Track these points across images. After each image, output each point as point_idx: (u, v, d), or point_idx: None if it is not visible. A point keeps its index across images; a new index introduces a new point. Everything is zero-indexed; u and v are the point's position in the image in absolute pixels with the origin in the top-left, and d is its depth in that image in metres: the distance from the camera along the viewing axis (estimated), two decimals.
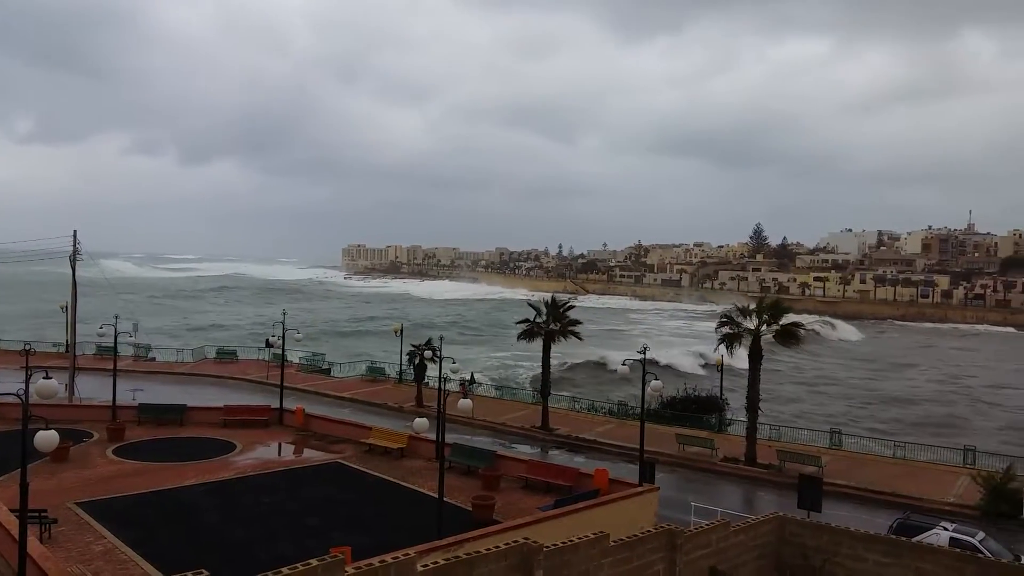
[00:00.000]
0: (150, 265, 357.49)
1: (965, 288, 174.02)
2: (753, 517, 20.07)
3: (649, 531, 16.79)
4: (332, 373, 57.49)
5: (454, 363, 28.17)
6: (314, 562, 11.51)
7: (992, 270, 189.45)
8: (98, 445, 30.17)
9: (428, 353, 44.20)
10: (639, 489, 23.76)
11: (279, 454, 30.89)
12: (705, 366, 70.99)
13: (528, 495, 25.50)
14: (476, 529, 18.77)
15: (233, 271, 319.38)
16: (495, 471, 26.84)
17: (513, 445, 37.49)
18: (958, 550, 18.69)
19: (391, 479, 26.95)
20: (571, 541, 14.90)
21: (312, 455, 30.59)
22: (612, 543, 15.54)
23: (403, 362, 51.70)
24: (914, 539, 19.86)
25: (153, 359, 59.07)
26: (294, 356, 56.85)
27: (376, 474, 27.55)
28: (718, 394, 45.18)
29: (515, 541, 14.37)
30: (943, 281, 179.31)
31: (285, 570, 11.21)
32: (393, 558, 12.65)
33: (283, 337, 38.12)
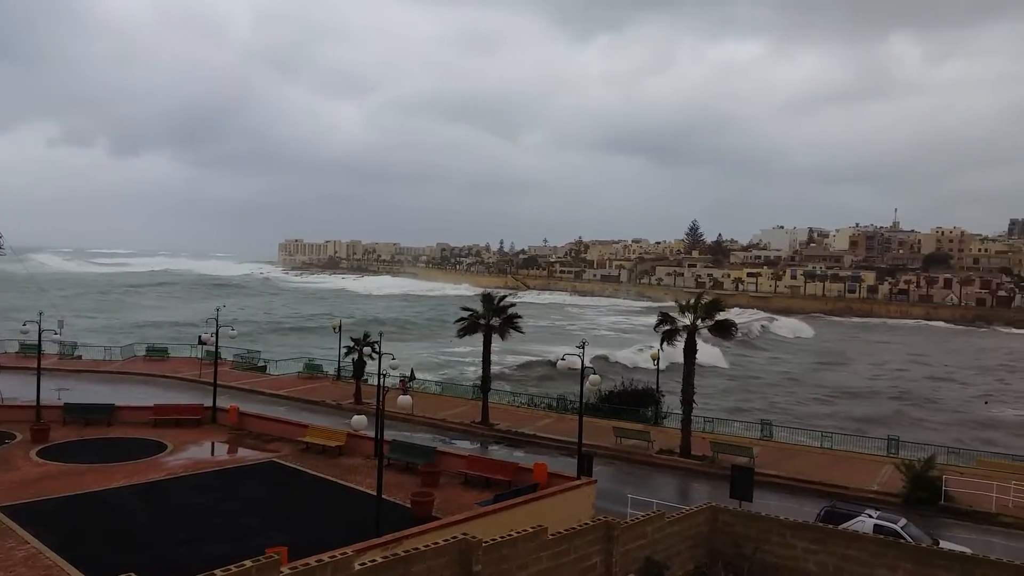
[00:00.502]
0: (80, 260, 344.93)
1: (890, 283, 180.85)
2: (687, 508, 20.52)
3: (587, 524, 17.02)
4: (268, 370, 56.45)
5: (393, 359, 27.97)
6: (248, 563, 11.34)
7: (916, 266, 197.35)
8: (21, 446, 28.99)
9: (367, 349, 43.86)
10: (577, 482, 24.03)
11: (212, 454, 30.21)
12: (671, 364, 72.20)
13: (467, 491, 25.53)
14: (415, 526, 18.72)
15: (167, 266, 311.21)
16: (434, 467, 26.79)
17: (453, 441, 37.45)
18: (881, 536, 19.47)
19: (328, 477, 26.65)
20: (509, 536, 15.01)
21: (247, 454, 30.02)
22: (550, 536, 15.71)
23: (341, 359, 51.11)
24: (840, 526, 20.62)
25: (79, 357, 57.01)
26: (229, 354, 55.65)
27: (313, 472, 27.20)
28: (654, 387, 45.97)
29: (454, 537, 14.40)
30: (869, 277, 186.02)
31: (219, 572, 11.01)
32: (330, 557, 12.55)
33: (216, 334, 37.26)
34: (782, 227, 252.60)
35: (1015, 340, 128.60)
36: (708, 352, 76.21)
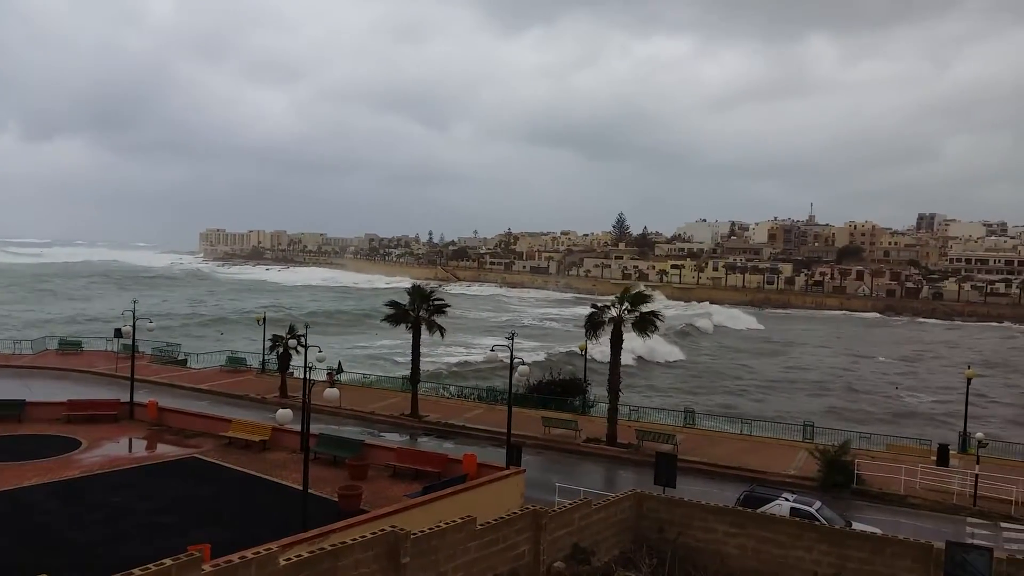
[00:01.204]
0: None
1: (806, 275, 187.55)
2: (613, 495, 20.91)
3: (515, 513, 17.19)
4: (189, 364, 54.87)
5: (320, 352, 27.59)
6: (168, 561, 11.06)
7: (830, 258, 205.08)
8: None
9: (293, 342, 43.06)
10: (506, 472, 24.19)
11: (130, 450, 29.24)
12: (638, 359, 72.94)
13: (396, 483, 25.42)
14: (342, 520, 18.55)
15: (86, 256, 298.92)
16: (362, 460, 26.55)
17: (382, 434, 37.21)
18: (797, 519, 20.28)
19: (253, 472, 26.12)
20: (438, 527, 15.03)
21: (167, 450, 29.14)
22: (479, 526, 15.80)
23: (266, 351, 50.04)
24: (759, 509, 21.35)
25: None
26: (148, 347, 53.86)
27: (237, 468, 26.61)
28: (582, 377, 46.63)
29: (382, 530, 14.35)
30: (787, 268, 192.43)
31: (137, 571, 10.71)
32: (254, 553, 12.35)
33: (133, 326, 36.00)
34: (705, 220, 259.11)
35: (929, 330, 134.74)
36: (665, 348, 78.15)
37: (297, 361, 41.66)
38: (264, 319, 53.11)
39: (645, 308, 37.61)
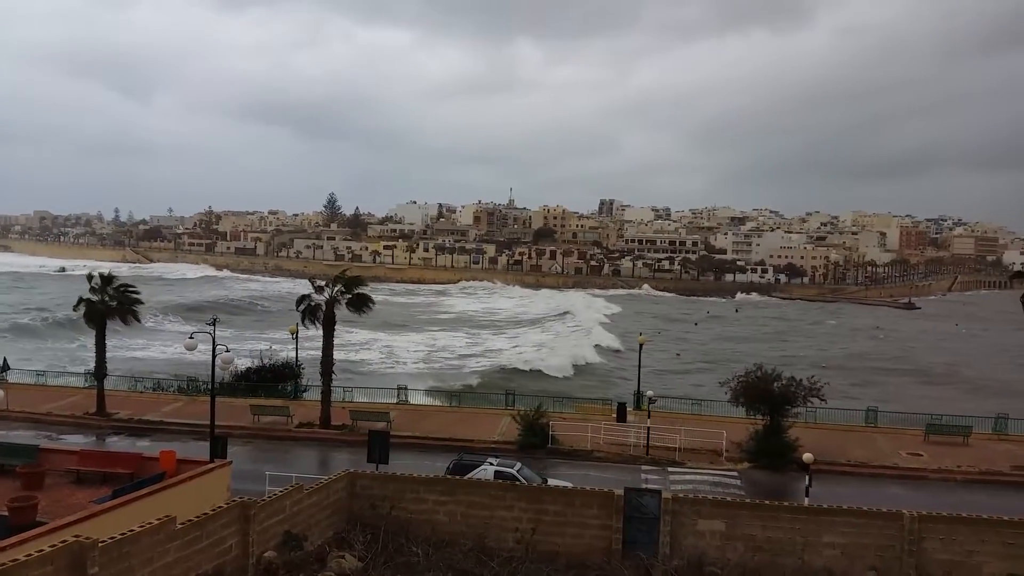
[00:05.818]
0: None
1: (507, 255, 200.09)
2: (326, 477, 20.80)
3: (220, 507, 16.44)
4: None
5: None
6: None
7: (527, 239, 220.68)
8: None
9: None
10: (210, 466, 22.87)
11: None
12: (580, 366, 69.29)
13: (81, 489, 22.86)
14: (15, 535, 16.33)
15: None
16: (37, 467, 23.44)
17: (61, 436, 33.27)
18: (501, 480, 21.79)
19: None
20: (132, 531, 13.92)
21: None
22: (179, 525, 14.90)
23: None
24: (467, 475, 22.60)
25: None
26: None
27: None
28: (294, 361, 45.46)
29: (63, 541, 12.95)
30: (490, 249, 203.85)
31: None
32: None
33: None
34: (415, 202, 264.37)
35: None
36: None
37: None
38: None
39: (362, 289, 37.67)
